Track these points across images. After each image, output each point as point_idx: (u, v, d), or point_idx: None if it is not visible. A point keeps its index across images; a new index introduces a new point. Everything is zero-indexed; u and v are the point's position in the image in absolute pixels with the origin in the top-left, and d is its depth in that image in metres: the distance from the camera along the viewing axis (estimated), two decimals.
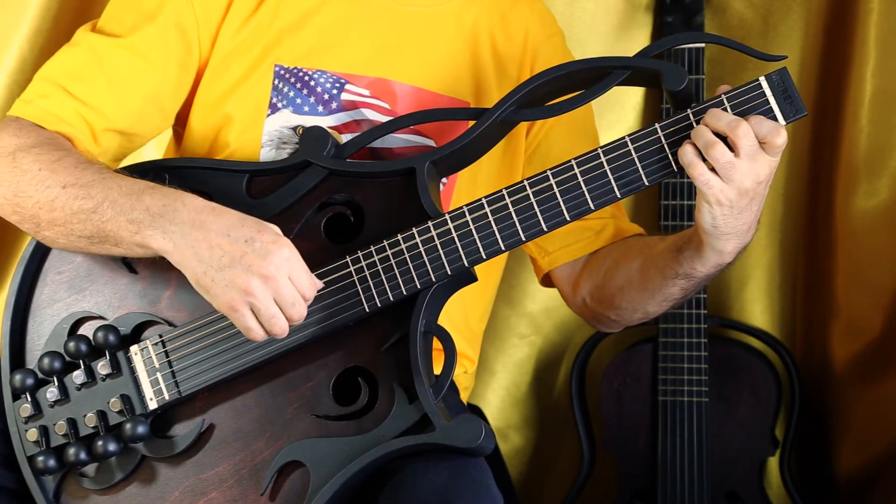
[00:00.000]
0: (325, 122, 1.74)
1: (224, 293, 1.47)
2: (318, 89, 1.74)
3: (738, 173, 1.49)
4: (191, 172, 1.66)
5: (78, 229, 1.56)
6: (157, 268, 1.63)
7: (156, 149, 2.24)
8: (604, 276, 1.82)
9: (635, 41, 2.39)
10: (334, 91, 1.74)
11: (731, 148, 1.49)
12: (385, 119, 1.74)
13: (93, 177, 1.55)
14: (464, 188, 1.80)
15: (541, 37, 1.85)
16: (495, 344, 2.55)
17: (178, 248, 1.49)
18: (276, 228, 1.51)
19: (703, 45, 2.27)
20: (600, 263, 1.84)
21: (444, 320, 1.63)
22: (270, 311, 1.48)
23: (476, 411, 2.32)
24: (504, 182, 1.78)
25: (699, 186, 1.51)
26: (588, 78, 1.59)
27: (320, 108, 1.74)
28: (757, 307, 2.48)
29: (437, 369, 1.60)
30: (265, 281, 1.47)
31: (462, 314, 1.88)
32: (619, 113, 2.43)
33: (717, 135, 1.49)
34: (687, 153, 1.50)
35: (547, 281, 1.93)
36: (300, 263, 1.50)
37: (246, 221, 1.49)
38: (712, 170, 1.50)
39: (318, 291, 1.57)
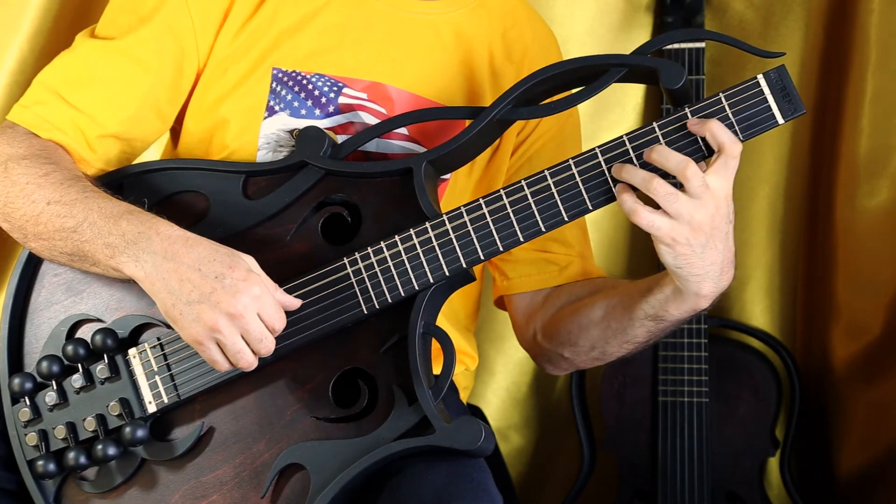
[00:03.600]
0: (322, 124, 1.73)
1: (191, 327, 1.48)
2: (316, 93, 1.74)
3: (684, 206, 1.47)
4: (187, 173, 1.66)
5: (59, 246, 1.57)
6: None
7: (156, 148, 2.24)
8: (562, 312, 1.81)
9: (635, 41, 2.39)
10: (332, 94, 1.74)
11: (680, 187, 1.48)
12: None
13: (76, 195, 1.56)
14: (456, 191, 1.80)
15: (538, 59, 1.83)
16: (495, 344, 2.55)
17: (148, 277, 1.50)
18: (250, 262, 1.51)
19: (703, 45, 2.27)
20: (561, 300, 1.82)
21: (441, 318, 1.63)
22: (237, 347, 1.49)
23: (476, 411, 2.32)
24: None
25: (645, 228, 1.49)
26: (585, 76, 1.59)
27: (317, 112, 1.74)
28: (757, 307, 2.48)
29: (437, 370, 1.60)
30: (232, 319, 1.47)
31: (460, 311, 1.88)
32: (619, 113, 2.43)
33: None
34: (626, 202, 1.49)
35: (500, 303, 1.92)
36: (270, 299, 1.50)
37: (218, 255, 1.50)
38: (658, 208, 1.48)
39: (316, 293, 1.58)
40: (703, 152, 1.51)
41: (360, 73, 1.74)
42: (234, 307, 1.47)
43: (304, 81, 1.73)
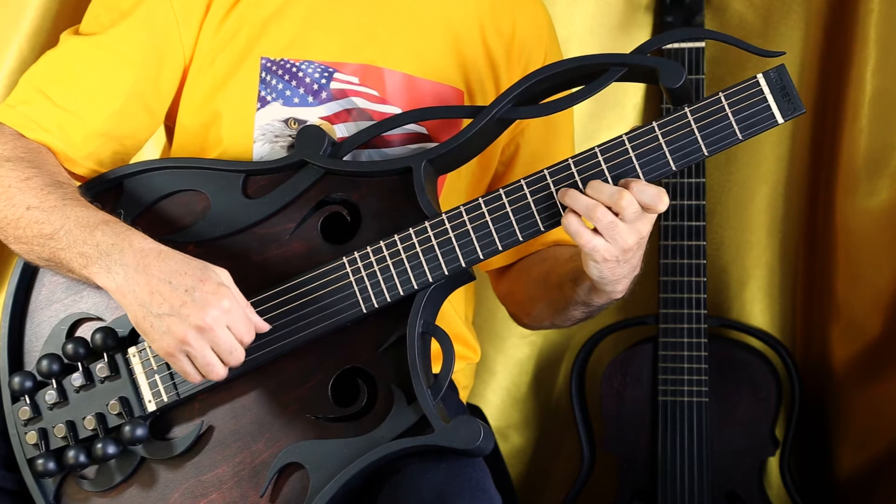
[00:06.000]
0: (317, 112, 1.73)
1: (161, 339, 1.49)
2: (307, 80, 1.73)
3: (621, 233, 1.51)
4: (188, 172, 1.66)
5: (37, 251, 1.58)
6: None
7: (155, 146, 2.24)
8: (522, 281, 1.87)
9: (635, 41, 2.39)
10: (323, 81, 1.73)
11: (614, 213, 1.51)
12: (375, 107, 1.74)
13: (55, 202, 1.57)
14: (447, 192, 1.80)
15: (529, 30, 1.84)
16: (495, 344, 2.55)
17: (119, 289, 1.51)
18: (222, 276, 1.51)
19: (702, 44, 2.27)
20: (524, 267, 1.88)
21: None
22: (206, 360, 1.50)
23: (476, 411, 2.33)
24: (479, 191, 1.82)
25: (586, 252, 1.53)
26: (585, 75, 1.59)
27: (310, 99, 1.74)
28: (757, 307, 2.48)
29: (437, 370, 1.59)
30: (201, 332, 1.48)
31: (458, 299, 1.89)
32: (619, 113, 2.43)
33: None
34: (572, 223, 1.52)
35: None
36: (240, 312, 1.51)
37: (189, 268, 1.50)
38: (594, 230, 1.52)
39: (315, 292, 1.58)
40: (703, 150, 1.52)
41: (350, 56, 1.74)
42: (203, 320, 1.47)
43: (294, 69, 1.73)
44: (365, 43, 1.75)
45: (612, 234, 1.51)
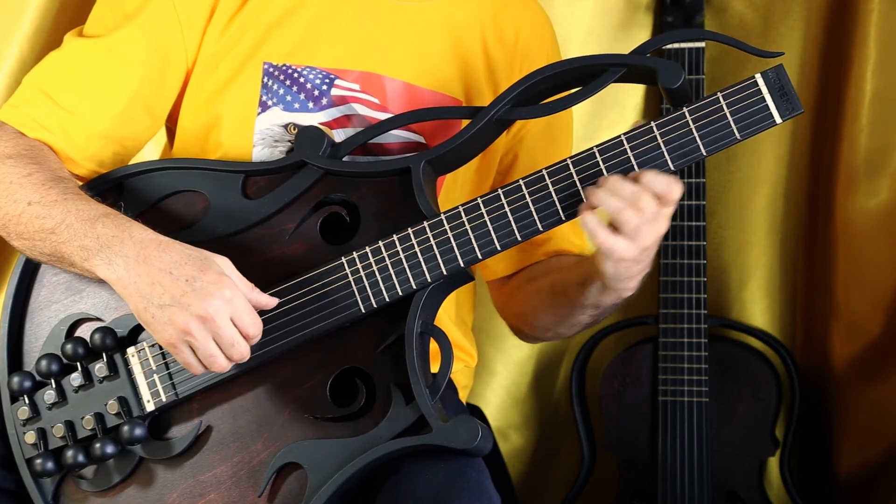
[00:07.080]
0: (316, 118, 1.74)
1: (163, 330, 1.49)
2: (308, 86, 1.74)
3: (642, 234, 1.51)
4: (187, 173, 1.67)
5: (39, 246, 1.58)
6: None
7: (155, 146, 2.24)
8: (523, 292, 1.87)
9: (635, 41, 2.39)
10: (324, 87, 1.74)
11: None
12: (375, 114, 1.74)
13: (56, 197, 1.57)
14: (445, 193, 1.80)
15: (532, 39, 1.84)
16: (495, 344, 2.55)
17: (120, 280, 1.51)
18: (224, 265, 1.51)
19: (702, 44, 2.27)
20: (525, 278, 1.88)
21: (441, 314, 1.63)
22: (208, 351, 1.50)
23: (476, 411, 2.33)
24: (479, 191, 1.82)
25: (604, 251, 1.53)
26: (584, 75, 1.59)
27: (311, 105, 1.74)
28: (757, 307, 2.48)
29: (436, 369, 1.59)
30: (203, 322, 1.48)
31: (456, 305, 1.89)
32: (619, 113, 2.43)
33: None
34: (589, 221, 1.51)
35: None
36: (243, 303, 1.50)
37: (190, 258, 1.50)
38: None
39: (314, 293, 1.58)
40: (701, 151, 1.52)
41: (351, 63, 1.74)
42: (205, 310, 1.47)
43: (296, 75, 1.74)
44: (367, 50, 1.75)
45: (636, 235, 1.51)
